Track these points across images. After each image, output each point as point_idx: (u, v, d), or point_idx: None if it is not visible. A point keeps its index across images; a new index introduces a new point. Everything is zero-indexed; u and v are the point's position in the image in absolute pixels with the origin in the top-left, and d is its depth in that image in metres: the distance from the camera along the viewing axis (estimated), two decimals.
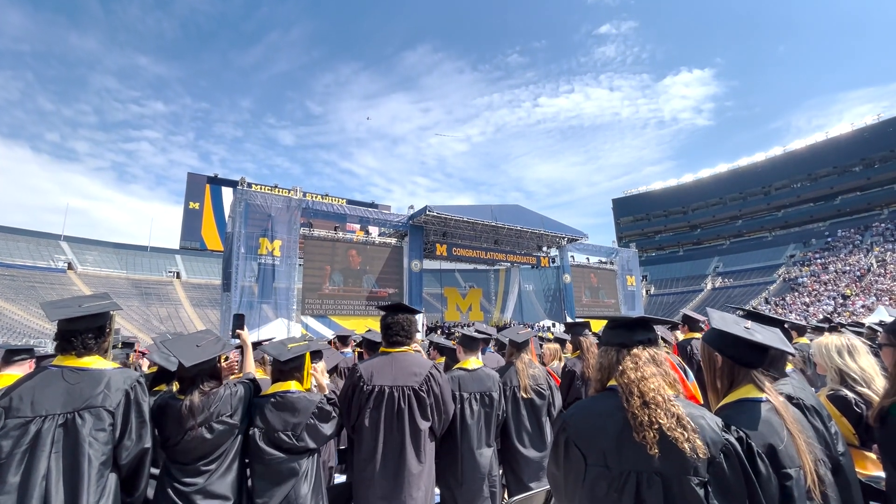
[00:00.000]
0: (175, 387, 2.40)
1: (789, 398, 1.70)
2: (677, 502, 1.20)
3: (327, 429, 2.27)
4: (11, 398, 1.68)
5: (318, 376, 2.56)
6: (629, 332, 1.47)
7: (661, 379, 1.36)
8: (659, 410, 1.27)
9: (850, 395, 2.16)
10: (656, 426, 1.24)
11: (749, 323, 1.57)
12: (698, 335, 4.33)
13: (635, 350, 1.43)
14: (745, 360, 1.51)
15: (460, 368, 3.11)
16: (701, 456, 1.20)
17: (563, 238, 23.87)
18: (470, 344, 3.24)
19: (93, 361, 1.86)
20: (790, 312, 33.34)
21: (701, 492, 1.20)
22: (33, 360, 3.12)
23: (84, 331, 1.86)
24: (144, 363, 4.60)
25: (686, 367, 3.39)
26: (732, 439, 1.27)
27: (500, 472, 3.25)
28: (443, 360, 3.96)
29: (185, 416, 1.96)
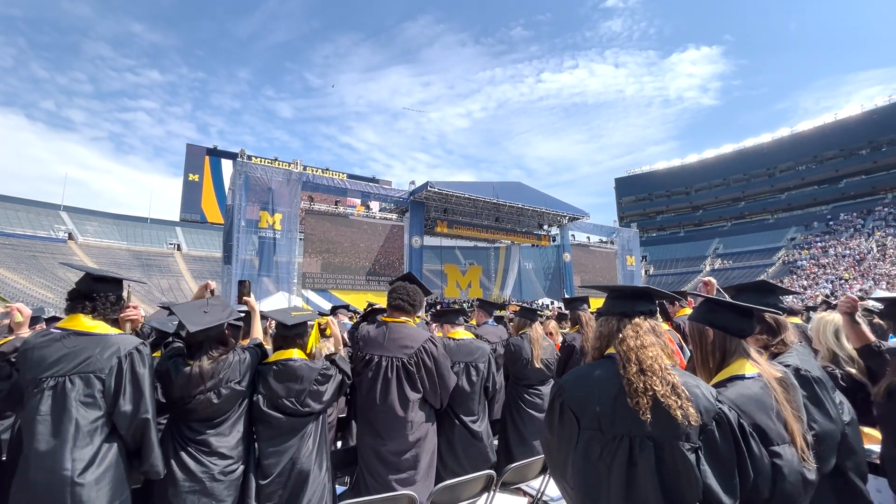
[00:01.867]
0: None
1: (797, 370, 1.74)
2: (669, 466, 1.23)
3: (329, 391, 2.33)
4: (10, 361, 1.74)
5: (335, 329, 2.65)
6: (632, 302, 1.49)
7: (659, 349, 1.38)
8: (655, 378, 1.29)
9: (838, 371, 2.22)
10: (650, 393, 1.26)
11: (729, 297, 1.63)
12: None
13: (637, 319, 1.44)
14: (735, 328, 1.52)
15: (449, 338, 3.19)
16: (693, 423, 1.22)
17: (565, 217, 23.79)
18: (449, 317, 3.39)
19: (97, 326, 1.86)
20: (787, 296, 33.48)
21: (692, 457, 1.22)
22: (42, 325, 3.16)
23: (108, 293, 1.92)
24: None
25: (683, 343, 3.44)
26: (725, 409, 1.29)
27: (496, 439, 3.37)
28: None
29: (194, 382, 1.99)
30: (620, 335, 1.42)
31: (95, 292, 1.89)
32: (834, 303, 5.31)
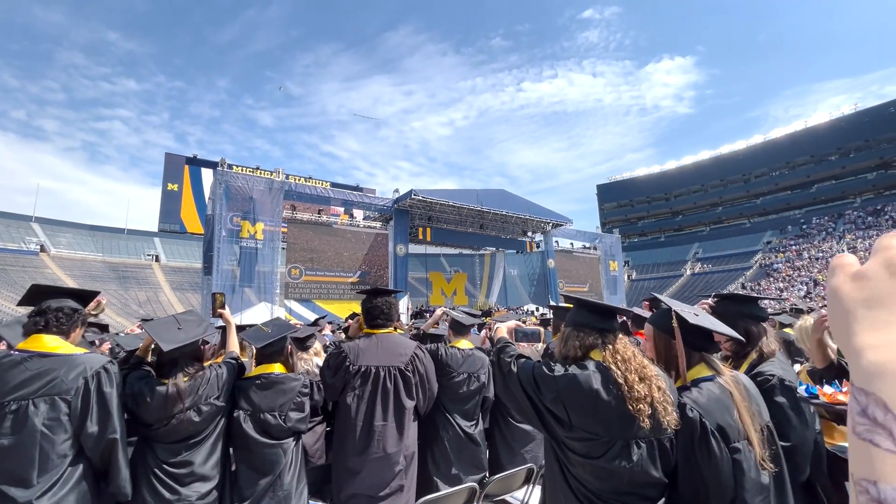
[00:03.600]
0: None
1: (781, 380, 1.84)
2: (660, 455, 1.43)
3: (313, 403, 2.32)
4: None
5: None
6: (613, 319, 1.60)
7: (644, 357, 1.52)
8: (651, 384, 1.42)
9: (822, 373, 2.27)
10: (649, 399, 1.40)
11: (696, 310, 1.69)
12: None
13: (619, 335, 1.57)
14: (698, 345, 1.62)
15: (454, 347, 3.15)
16: (674, 426, 1.42)
17: (548, 223, 24.04)
18: (460, 328, 3.31)
19: (59, 346, 1.79)
20: (764, 298, 34.33)
21: (668, 445, 1.46)
22: (2, 345, 3.01)
23: (56, 309, 1.82)
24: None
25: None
26: (687, 409, 1.47)
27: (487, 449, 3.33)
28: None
29: (171, 401, 1.92)
30: (611, 348, 1.52)
31: (46, 309, 1.81)
32: (805, 308, 5.47)
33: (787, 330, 5.50)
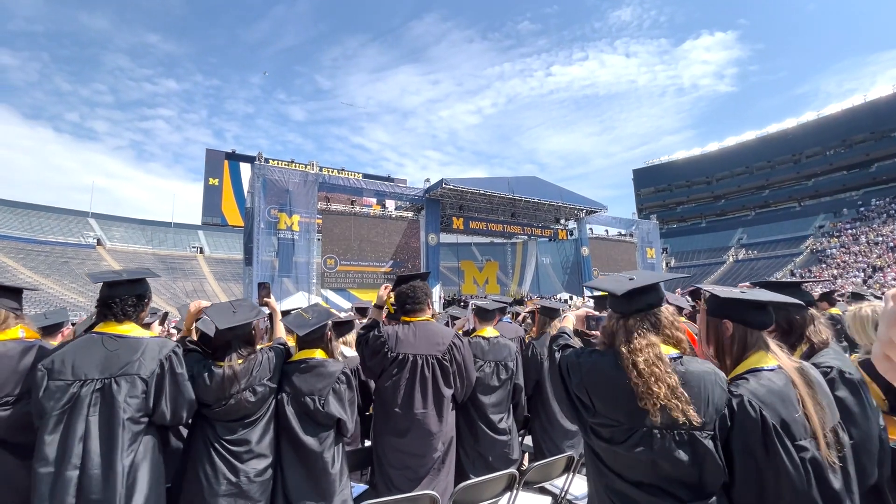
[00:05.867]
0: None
1: (841, 372, 1.68)
2: (686, 449, 1.31)
3: (352, 395, 2.33)
4: (54, 360, 1.77)
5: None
6: (627, 301, 1.49)
7: (658, 348, 1.39)
8: (654, 380, 1.32)
9: None
10: (654, 396, 1.31)
11: (743, 287, 1.58)
12: None
13: (632, 320, 1.46)
14: (754, 321, 1.48)
15: (479, 336, 3.15)
16: (695, 424, 1.29)
17: (582, 210, 23.50)
18: (485, 315, 3.30)
19: (131, 329, 1.93)
20: (816, 286, 32.44)
21: (710, 444, 1.31)
22: (69, 328, 3.26)
23: (124, 296, 1.93)
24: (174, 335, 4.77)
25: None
26: (745, 400, 1.34)
27: (521, 438, 3.33)
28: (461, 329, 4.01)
29: (227, 382, 2.02)
30: (620, 337, 1.45)
31: (111, 298, 1.92)
32: (867, 293, 5.09)
33: (833, 310, 5.15)
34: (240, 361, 2.09)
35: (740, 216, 53.07)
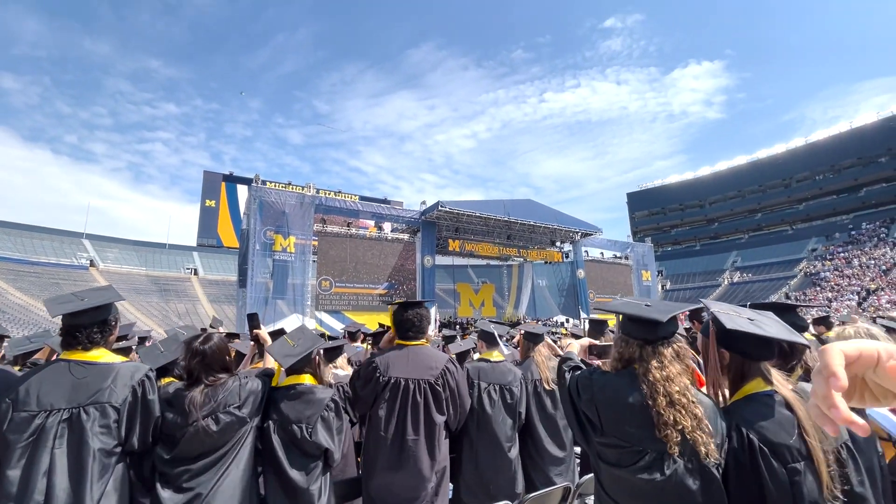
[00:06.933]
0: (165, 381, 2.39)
1: None
2: (696, 477, 1.29)
3: (339, 423, 2.23)
4: (18, 392, 1.67)
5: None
6: (654, 328, 1.45)
7: (685, 378, 1.39)
8: (684, 412, 1.31)
9: None
10: (679, 426, 1.29)
11: (750, 313, 1.49)
12: None
13: (659, 347, 1.43)
14: (753, 354, 1.44)
15: (483, 359, 3.10)
16: (713, 460, 1.29)
17: (577, 233, 23.63)
18: (490, 339, 3.25)
19: (101, 355, 1.84)
20: (812, 308, 32.50)
21: (717, 473, 1.31)
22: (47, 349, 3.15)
23: (88, 325, 1.82)
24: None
25: (699, 359, 3.33)
26: (742, 429, 1.34)
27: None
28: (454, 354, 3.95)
29: (189, 410, 1.88)
30: (645, 364, 1.42)
31: (75, 328, 1.80)
32: (861, 319, 5.08)
33: (829, 334, 5.16)
34: (205, 387, 1.95)
35: (734, 239, 53.56)
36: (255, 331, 2.54)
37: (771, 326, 1.44)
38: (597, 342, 2.11)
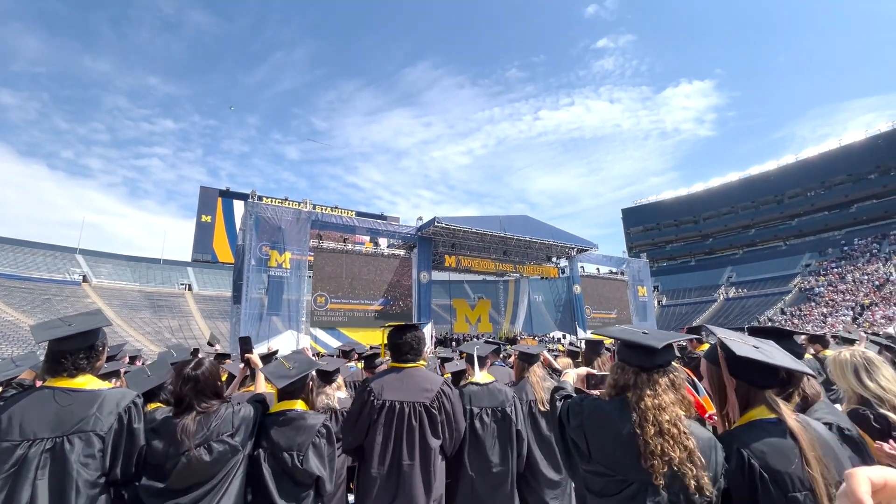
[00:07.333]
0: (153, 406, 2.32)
1: (840, 429, 1.62)
2: None
3: (331, 451, 2.15)
4: (1, 420, 1.61)
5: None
6: (650, 355, 1.44)
7: (678, 407, 1.36)
8: (672, 442, 1.28)
9: (870, 412, 2.05)
10: (667, 458, 1.26)
11: (755, 341, 1.48)
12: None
13: (655, 375, 1.41)
14: (759, 382, 1.43)
15: (472, 383, 3.05)
16: (707, 494, 1.24)
17: (573, 248, 23.71)
18: (474, 362, 3.19)
19: (86, 382, 1.77)
20: (807, 323, 32.58)
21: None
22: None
23: (75, 350, 1.77)
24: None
25: (696, 381, 3.29)
26: (744, 457, 1.31)
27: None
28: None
29: (181, 438, 1.81)
30: (639, 391, 1.40)
31: (61, 354, 1.75)
32: (855, 337, 5.09)
33: (826, 352, 5.16)
34: (196, 415, 1.88)
35: (728, 254, 53.91)
36: (246, 355, 2.49)
37: (776, 354, 1.43)
38: (594, 372, 2.08)
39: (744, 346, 1.43)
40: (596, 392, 1.85)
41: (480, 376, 3.08)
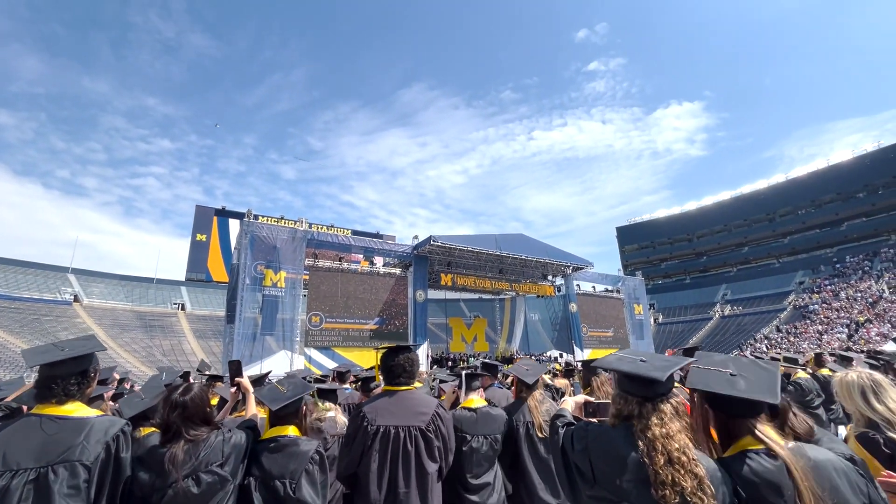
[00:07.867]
0: (143, 431, 2.27)
1: (852, 459, 1.55)
2: None
3: (324, 478, 2.07)
4: None
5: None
6: (652, 385, 1.42)
7: (685, 435, 1.34)
8: (683, 471, 1.25)
9: (879, 436, 2.01)
10: (678, 488, 1.23)
11: (733, 367, 1.45)
12: None
13: (659, 404, 1.39)
14: (734, 411, 1.41)
15: (464, 408, 2.99)
16: None
17: (569, 267, 23.76)
18: (470, 383, 3.14)
19: (75, 409, 1.72)
20: (803, 341, 32.61)
21: None
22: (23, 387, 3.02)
23: (66, 376, 1.73)
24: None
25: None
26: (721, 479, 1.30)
27: None
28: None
29: (168, 469, 1.74)
30: (644, 421, 1.37)
31: (52, 379, 1.71)
32: (853, 356, 5.12)
33: (823, 371, 5.17)
34: (185, 444, 1.81)
35: (723, 272, 54.22)
36: (237, 378, 2.44)
37: (746, 382, 1.39)
38: (591, 399, 2.05)
39: (710, 374, 1.41)
40: (594, 420, 1.82)
41: (469, 398, 3.03)
